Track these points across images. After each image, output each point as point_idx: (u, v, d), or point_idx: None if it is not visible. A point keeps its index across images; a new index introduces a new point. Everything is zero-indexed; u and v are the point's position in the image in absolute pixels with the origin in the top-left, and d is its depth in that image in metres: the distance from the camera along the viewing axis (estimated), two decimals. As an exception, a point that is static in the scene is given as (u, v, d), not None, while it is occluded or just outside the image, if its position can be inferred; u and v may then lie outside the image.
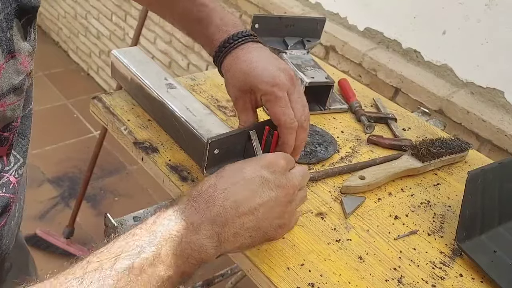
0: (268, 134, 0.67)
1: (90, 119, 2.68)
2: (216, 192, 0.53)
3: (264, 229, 0.55)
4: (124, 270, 0.44)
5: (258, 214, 0.54)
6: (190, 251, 0.49)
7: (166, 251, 0.48)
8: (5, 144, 0.58)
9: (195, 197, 0.53)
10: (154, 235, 0.48)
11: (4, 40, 0.50)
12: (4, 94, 0.52)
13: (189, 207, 0.52)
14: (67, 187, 2.26)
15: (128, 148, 0.82)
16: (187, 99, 0.81)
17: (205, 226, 0.51)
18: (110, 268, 0.44)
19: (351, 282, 0.62)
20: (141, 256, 0.46)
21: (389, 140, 0.91)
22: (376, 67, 1.40)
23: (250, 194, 0.54)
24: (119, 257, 0.45)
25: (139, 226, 0.50)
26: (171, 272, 0.47)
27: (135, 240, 0.48)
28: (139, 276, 0.45)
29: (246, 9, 1.79)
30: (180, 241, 0.49)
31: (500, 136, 1.16)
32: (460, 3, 1.25)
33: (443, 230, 0.74)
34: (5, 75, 0.51)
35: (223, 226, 0.52)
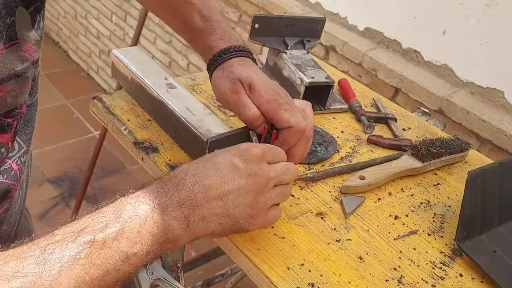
0: (267, 134, 0.67)
1: (90, 119, 2.68)
2: (186, 176, 0.53)
3: (235, 217, 0.55)
4: (86, 243, 0.45)
5: (227, 201, 0.54)
6: (156, 230, 0.50)
7: (130, 228, 0.48)
8: (9, 130, 0.58)
9: (165, 180, 0.53)
10: (120, 212, 0.49)
11: (3, 26, 0.50)
12: (4, 80, 0.52)
13: (158, 189, 0.52)
14: (67, 187, 2.26)
15: (128, 148, 0.82)
16: (187, 99, 0.81)
17: (172, 207, 0.51)
18: (72, 241, 0.45)
19: (351, 282, 0.62)
20: (105, 231, 0.47)
21: (389, 140, 0.91)
22: (376, 67, 1.40)
23: (219, 179, 0.54)
24: (83, 231, 0.46)
25: (107, 204, 0.51)
26: (135, 249, 0.48)
27: (101, 217, 0.48)
28: (101, 249, 0.46)
29: (246, 9, 1.80)
30: (145, 220, 0.49)
31: (500, 136, 1.16)
32: (460, 3, 1.25)
33: (443, 230, 0.74)
34: (5, 61, 0.51)
35: (192, 209, 0.52)
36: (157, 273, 0.66)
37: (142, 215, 0.49)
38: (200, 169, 0.54)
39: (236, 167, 0.55)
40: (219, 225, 0.54)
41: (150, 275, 0.66)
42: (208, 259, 1.49)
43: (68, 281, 0.43)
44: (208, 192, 0.53)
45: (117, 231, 0.47)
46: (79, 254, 0.45)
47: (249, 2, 1.75)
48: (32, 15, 0.54)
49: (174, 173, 0.54)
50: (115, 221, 0.48)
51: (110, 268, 0.46)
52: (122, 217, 0.49)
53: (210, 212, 0.53)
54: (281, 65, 1.01)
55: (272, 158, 0.59)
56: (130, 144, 0.80)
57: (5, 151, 0.59)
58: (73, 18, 3.17)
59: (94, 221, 0.48)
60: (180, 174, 0.54)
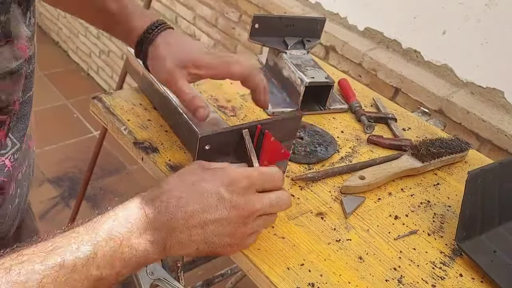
0: (259, 133, 0.67)
1: (90, 119, 2.68)
2: (170, 199, 0.52)
3: (213, 245, 0.55)
4: (54, 266, 0.44)
5: (207, 230, 0.53)
6: (130, 255, 0.49)
7: (103, 252, 0.47)
8: (2, 127, 0.57)
9: (148, 201, 0.52)
10: (95, 234, 0.48)
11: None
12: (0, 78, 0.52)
13: (139, 210, 0.51)
14: (67, 187, 2.26)
15: (128, 148, 0.82)
16: None
17: (151, 231, 0.50)
18: (40, 262, 0.43)
19: (351, 282, 0.62)
20: (75, 254, 0.45)
21: (389, 140, 0.91)
22: (376, 67, 1.40)
23: (202, 207, 0.53)
24: (52, 252, 0.45)
25: (83, 224, 0.49)
26: (105, 273, 0.47)
27: (74, 237, 0.47)
28: (69, 274, 0.44)
29: (246, 9, 1.80)
30: (120, 244, 0.48)
31: (500, 136, 1.16)
32: (460, 3, 1.25)
33: (443, 230, 0.74)
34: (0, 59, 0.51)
35: (170, 233, 0.51)
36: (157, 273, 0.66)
37: (118, 238, 0.48)
38: (184, 194, 0.53)
39: (221, 197, 0.54)
40: (195, 250, 0.54)
41: (150, 275, 0.66)
42: (208, 259, 1.49)
43: None
44: (190, 219, 0.52)
45: (88, 255, 0.46)
46: (46, 279, 0.43)
47: (249, 2, 1.75)
48: (23, 11, 0.54)
49: (158, 192, 0.53)
50: (88, 243, 0.46)
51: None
52: (96, 239, 0.47)
53: (189, 239, 0.53)
54: (281, 65, 1.01)
55: (261, 186, 0.58)
56: (130, 144, 0.80)
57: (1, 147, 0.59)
58: (73, 18, 3.17)
59: (67, 241, 0.46)
60: (163, 196, 0.53)
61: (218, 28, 2.05)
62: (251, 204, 0.55)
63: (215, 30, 2.07)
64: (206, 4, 2.07)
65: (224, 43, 2.05)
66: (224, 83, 1.02)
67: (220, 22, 2.02)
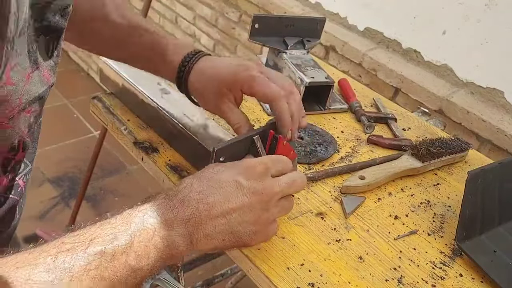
0: (272, 139, 0.67)
1: (90, 119, 2.68)
2: (191, 193, 0.54)
3: (238, 234, 0.55)
4: (96, 254, 0.46)
5: (231, 218, 0.54)
6: (162, 245, 0.50)
7: (139, 242, 0.49)
8: (27, 149, 0.60)
9: (171, 196, 0.54)
10: (129, 225, 0.49)
11: (32, 51, 0.52)
12: (31, 102, 0.55)
13: (164, 205, 0.53)
14: (67, 187, 2.26)
15: (128, 148, 0.82)
16: (183, 104, 0.80)
17: (177, 224, 0.52)
18: (83, 251, 0.45)
19: (351, 282, 0.62)
20: (114, 243, 0.47)
21: (389, 140, 0.91)
22: (376, 67, 1.40)
23: (223, 198, 0.54)
24: (92, 242, 0.46)
25: (115, 215, 0.51)
26: (142, 263, 0.48)
27: (110, 227, 0.49)
28: (110, 262, 0.46)
29: (246, 9, 1.80)
30: (153, 235, 0.50)
31: (500, 136, 1.16)
32: (460, 3, 1.25)
33: (443, 230, 0.74)
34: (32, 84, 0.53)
35: (196, 226, 0.53)
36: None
37: (150, 229, 0.50)
38: (204, 187, 0.55)
39: (239, 185, 0.55)
40: (222, 241, 0.55)
41: (150, 275, 0.66)
42: (208, 259, 1.49)
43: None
44: (212, 210, 0.53)
45: (126, 244, 0.48)
46: (90, 265, 0.45)
47: (249, 2, 1.75)
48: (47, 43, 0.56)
49: (179, 188, 0.55)
50: (125, 233, 0.48)
51: (117, 281, 0.47)
52: (131, 229, 0.49)
53: (214, 230, 0.54)
54: (281, 65, 1.01)
55: (276, 171, 0.59)
56: (130, 144, 0.80)
57: (18, 168, 0.61)
58: (73, 18, 3.16)
59: (104, 231, 0.48)
60: (184, 190, 0.54)
61: (218, 28, 2.05)
62: (270, 188, 0.56)
63: (215, 30, 2.07)
64: (206, 4, 2.07)
65: (224, 43, 2.05)
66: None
67: (220, 22, 2.02)
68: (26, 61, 0.51)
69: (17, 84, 0.50)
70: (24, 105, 0.53)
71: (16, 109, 0.52)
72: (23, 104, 0.52)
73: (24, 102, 0.53)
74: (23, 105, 0.53)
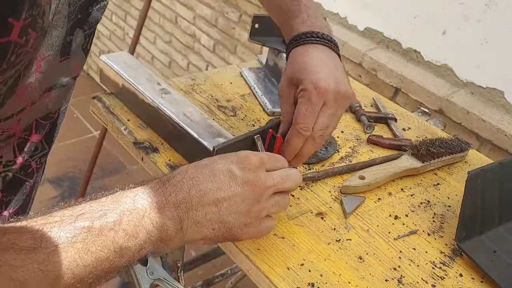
0: (271, 138, 0.67)
1: (90, 119, 2.68)
2: (184, 179, 0.54)
3: (228, 224, 0.55)
4: (83, 228, 0.46)
5: (222, 207, 0.54)
6: (152, 227, 0.50)
7: (128, 221, 0.49)
8: (41, 131, 0.60)
9: (163, 181, 0.54)
10: (119, 204, 0.50)
11: (64, 43, 0.53)
12: (52, 88, 0.56)
13: (157, 188, 0.53)
14: (67, 187, 2.26)
15: (128, 148, 0.82)
16: (182, 104, 0.81)
17: (169, 208, 0.52)
18: (70, 224, 0.46)
19: (351, 282, 0.62)
20: (102, 219, 0.47)
21: (389, 140, 0.91)
22: (376, 67, 1.40)
23: (216, 185, 0.54)
24: (81, 216, 0.47)
25: (107, 194, 0.51)
26: (130, 243, 0.48)
27: (100, 205, 0.49)
28: (97, 237, 0.46)
29: (246, 9, 1.80)
30: (143, 215, 0.50)
31: (500, 136, 1.16)
32: (460, 3, 1.25)
33: (443, 230, 0.74)
34: (58, 71, 0.54)
35: (187, 212, 0.53)
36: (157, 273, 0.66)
37: (140, 210, 0.50)
38: (198, 174, 0.55)
39: (233, 174, 0.55)
40: (212, 230, 0.55)
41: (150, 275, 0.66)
42: (208, 259, 1.49)
43: (61, 261, 0.44)
44: (204, 197, 0.53)
45: (114, 221, 0.48)
46: (75, 238, 0.45)
47: (249, 2, 1.75)
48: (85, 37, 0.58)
49: (173, 174, 0.55)
50: (114, 211, 0.49)
51: (103, 257, 0.47)
52: (120, 208, 0.49)
53: (204, 217, 0.54)
54: (281, 65, 1.01)
55: (271, 166, 0.58)
56: (130, 144, 0.80)
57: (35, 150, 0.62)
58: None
59: (93, 208, 0.48)
60: (178, 175, 0.55)
61: (218, 28, 2.05)
62: (263, 180, 0.56)
63: (215, 30, 2.07)
64: (206, 4, 2.07)
65: (224, 43, 2.05)
66: (224, 83, 1.02)
67: (220, 22, 2.03)
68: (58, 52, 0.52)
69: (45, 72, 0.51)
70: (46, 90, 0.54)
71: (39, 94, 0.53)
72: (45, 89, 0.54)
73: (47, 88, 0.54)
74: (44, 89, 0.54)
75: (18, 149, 0.58)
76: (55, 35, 0.50)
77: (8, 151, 0.57)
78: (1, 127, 0.53)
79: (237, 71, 1.07)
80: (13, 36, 0.38)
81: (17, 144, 0.58)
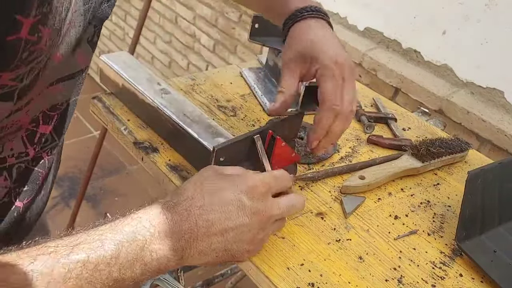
0: (271, 139, 0.67)
1: (90, 119, 2.68)
2: (191, 208, 0.52)
3: (232, 252, 0.55)
4: (78, 262, 0.44)
5: (228, 237, 0.53)
6: (151, 259, 0.49)
7: (125, 253, 0.47)
8: (49, 122, 0.60)
9: (169, 207, 0.52)
10: (118, 234, 0.48)
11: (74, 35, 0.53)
12: (60, 80, 0.55)
13: (162, 215, 0.51)
14: (67, 187, 2.26)
15: (128, 148, 0.82)
16: (182, 104, 0.80)
17: (172, 237, 0.50)
18: (65, 256, 0.44)
19: (351, 282, 0.62)
20: (99, 252, 0.46)
21: (389, 140, 0.91)
22: (376, 67, 1.40)
23: (224, 216, 0.53)
24: (77, 247, 0.45)
25: (106, 222, 0.50)
26: (126, 275, 0.47)
27: (98, 234, 0.47)
28: (92, 272, 0.45)
29: (246, 9, 1.80)
30: (142, 247, 0.48)
31: (500, 136, 1.16)
32: (460, 3, 1.25)
33: (443, 230, 0.74)
34: (67, 64, 0.54)
35: (190, 242, 0.52)
36: (157, 273, 0.66)
37: (141, 241, 0.49)
38: (206, 202, 0.53)
39: (242, 204, 0.54)
40: (215, 257, 0.54)
41: (150, 275, 0.66)
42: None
43: None
44: (211, 227, 0.52)
45: (111, 254, 0.46)
46: (69, 273, 0.43)
47: (249, 2, 1.75)
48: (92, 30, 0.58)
49: (179, 200, 0.53)
50: (111, 242, 0.47)
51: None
52: (119, 239, 0.47)
53: (209, 247, 0.53)
54: (281, 65, 1.01)
55: (278, 188, 0.59)
56: (130, 144, 0.80)
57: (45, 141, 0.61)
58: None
59: (90, 238, 0.47)
60: (185, 202, 0.53)
61: (218, 28, 2.05)
62: (270, 209, 0.56)
63: (215, 30, 2.07)
64: (206, 4, 2.07)
65: (224, 43, 2.05)
66: (224, 83, 1.02)
67: (220, 22, 2.03)
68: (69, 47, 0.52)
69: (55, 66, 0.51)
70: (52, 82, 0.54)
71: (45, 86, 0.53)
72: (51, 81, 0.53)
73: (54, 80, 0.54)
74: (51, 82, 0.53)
75: (29, 141, 0.58)
76: (73, 34, 0.50)
77: (18, 143, 0.56)
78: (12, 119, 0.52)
79: (237, 71, 1.07)
80: (23, 33, 0.38)
81: (26, 136, 0.57)
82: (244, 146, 0.67)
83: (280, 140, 0.66)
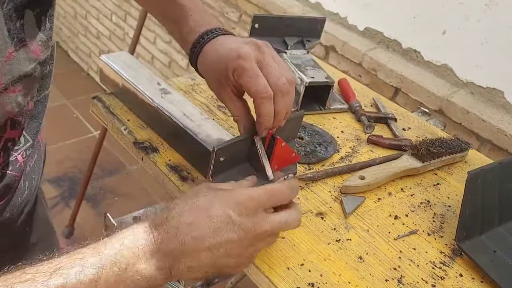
0: (271, 138, 0.67)
1: (90, 119, 2.68)
2: (180, 225, 0.52)
3: (220, 267, 0.54)
4: None
5: (217, 253, 0.53)
6: (135, 279, 0.48)
7: (107, 276, 0.46)
8: (18, 127, 0.59)
9: (157, 225, 0.52)
10: (100, 257, 0.47)
11: (13, 30, 0.50)
12: (16, 81, 0.53)
13: (147, 235, 0.51)
14: (67, 187, 2.26)
15: (128, 148, 0.82)
16: (182, 104, 0.80)
17: (158, 256, 0.50)
18: (43, 282, 0.43)
19: (351, 282, 0.62)
20: (78, 277, 0.45)
21: (389, 140, 0.91)
22: (376, 67, 1.40)
23: (212, 232, 0.52)
24: (55, 273, 0.44)
25: (88, 245, 0.49)
26: None
27: (80, 258, 0.46)
28: None
29: (246, 9, 1.80)
30: (125, 269, 0.47)
31: (500, 136, 1.16)
32: (460, 3, 1.25)
33: (443, 230, 0.74)
34: (16, 63, 0.52)
35: (179, 258, 0.51)
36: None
37: (123, 263, 0.48)
38: (194, 218, 0.52)
39: (230, 220, 0.53)
40: (204, 273, 0.54)
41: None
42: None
43: None
44: (199, 244, 0.52)
45: (91, 279, 0.45)
46: None
47: (249, 2, 1.75)
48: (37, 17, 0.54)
49: (167, 217, 0.53)
50: (92, 266, 0.46)
51: None
52: (101, 262, 0.47)
53: (198, 264, 0.52)
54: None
55: (274, 204, 0.57)
56: (130, 144, 0.80)
57: (11, 145, 0.60)
58: (73, 18, 3.17)
59: (71, 262, 0.46)
60: (173, 220, 0.52)
61: (218, 28, 2.05)
62: (260, 226, 0.54)
63: (215, 30, 2.07)
64: (206, 4, 2.07)
65: (224, 43, 2.04)
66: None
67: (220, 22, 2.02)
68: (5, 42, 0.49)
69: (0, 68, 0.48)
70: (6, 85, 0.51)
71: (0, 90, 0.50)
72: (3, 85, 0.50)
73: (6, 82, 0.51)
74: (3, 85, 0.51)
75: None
76: None
77: None
78: None
79: (237, 71, 1.07)
80: None
81: None
82: (244, 146, 0.67)
83: (280, 140, 0.66)
